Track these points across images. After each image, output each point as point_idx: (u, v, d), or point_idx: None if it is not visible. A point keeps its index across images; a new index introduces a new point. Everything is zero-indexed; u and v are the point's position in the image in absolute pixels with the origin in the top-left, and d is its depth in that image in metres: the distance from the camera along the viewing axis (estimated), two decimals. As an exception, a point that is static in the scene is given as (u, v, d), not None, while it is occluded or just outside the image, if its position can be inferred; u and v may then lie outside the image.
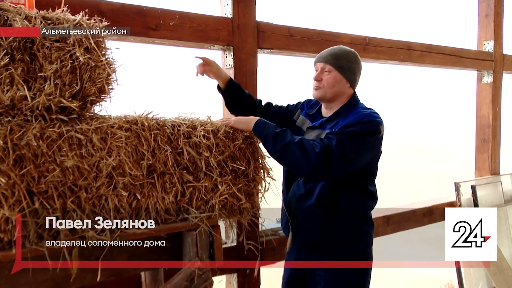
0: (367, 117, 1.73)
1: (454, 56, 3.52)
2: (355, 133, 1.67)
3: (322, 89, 1.82)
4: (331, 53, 1.82)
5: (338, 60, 1.81)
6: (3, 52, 1.22)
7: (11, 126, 1.19)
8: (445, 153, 4.77)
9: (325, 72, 1.81)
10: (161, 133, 1.48)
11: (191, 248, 1.53)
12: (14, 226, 1.16)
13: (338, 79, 1.81)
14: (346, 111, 1.81)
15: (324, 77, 1.81)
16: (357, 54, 1.87)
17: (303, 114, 1.99)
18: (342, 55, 1.82)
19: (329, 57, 1.81)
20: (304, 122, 1.95)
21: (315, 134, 1.82)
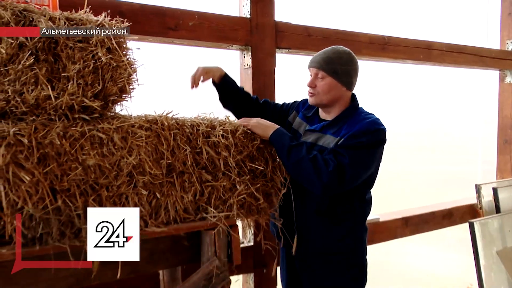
0: (373, 125, 1.69)
1: (475, 56, 3.46)
2: (365, 145, 1.64)
3: (317, 96, 1.77)
4: (324, 58, 1.74)
5: (332, 65, 1.73)
6: (28, 52, 1.25)
7: (36, 125, 1.21)
8: (466, 154, 4.69)
9: (318, 78, 1.75)
10: (180, 133, 1.50)
11: (209, 247, 1.53)
12: (38, 223, 1.18)
13: (333, 84, 1.74)
14: (348, 116, 1.76)
15: (318, 83, 1.75)
16: (352, 54, 1.79)
17: (299, 116, 1.94)
18: (335, 59, 1.74)
19: (321, 62, 1.74)
20: (301, 125, 1.90)
21: (314, 137, 1.78)
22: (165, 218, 1.45)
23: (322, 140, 1.76)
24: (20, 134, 1.17)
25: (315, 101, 1.79)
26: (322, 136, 1.76)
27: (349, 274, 1.84)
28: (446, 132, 5.71)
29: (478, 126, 3.80)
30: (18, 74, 1.24)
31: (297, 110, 1.98)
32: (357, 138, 1.64)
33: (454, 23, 4.86)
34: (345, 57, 1.75)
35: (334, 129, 1.75)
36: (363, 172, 1.69)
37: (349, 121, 1.74)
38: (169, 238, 1.52)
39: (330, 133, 1.75)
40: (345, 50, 1.78)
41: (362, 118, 1.73)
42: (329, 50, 1.77)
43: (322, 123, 1.80)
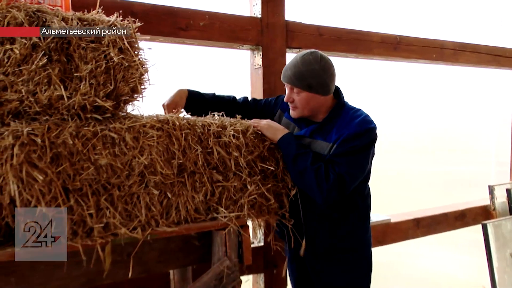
0: (363, 125, 1.67)
1: (489, 55, 3.41)
2: (359, 149, 1.64)
3: (298, 109, 1.74)
4: (295, 73, 1.67)
5: (304, 81, 1.67)
6: (42, 52, 1.26)
7: (49, 125, 1.22)
8: (479, 154, 4.63)
9: (294, 92, 1.71)
10: (191, 133, 1.50)
11: (220, 248, 1.53)
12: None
13: (310, 97, 1.70)
14: (335, 117, 1.74)
15: (295, 97, 1.72)
16: (324, 60, 1.70)
17: (285, 116, 1.89)
18: (306, 73, 1.66)
19: (293, 78, 1.68)
20: (289, 125, 1.86)
21: (306, 144, 1.75)
22: (176, 218, 1.45)
23: (313, 146, 1.74)
24: (33, 133, 1.18)
25: (297, 114, 1.76)
26: (312, 142, 1.75)
27: (359, 270, 1.84)
28: (459, 132, 5.64)
29: (491, 127, 3.75)
30: (31, 74, 1.25)
31: (282, 108, 1.93)
32: (350, 143, 1.64)
33: (468, 22, 4.81)
34: (316, 67, 1.67)
35: (324, 133, 1.73)
36: (360, 174, 1.70)
37: (338, 122, 1.72)
38: (180, 238, 1.52)
39: (320, 138, 1.73)
40: (316, 58, 1.68)
41: (350, 118, 1.71)
42: (299, 62, 1.68)
43: (311, 127, 1.77)
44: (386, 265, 1.85)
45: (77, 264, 1.29)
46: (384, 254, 3.17)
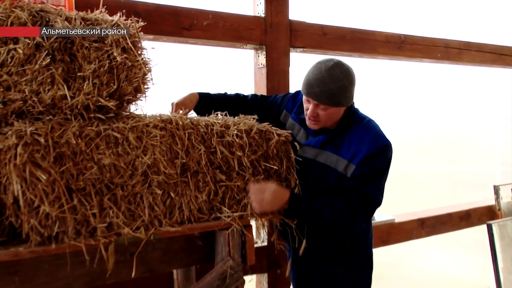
0: (379, 141, 1.64)
1: (494, 54, 3.39)
2: (381, 170, 1.65)
3: (321, 123, 1.68)
4: (324, 92, 1.58)
5: (334, 99, 1.60)
6: (45, 52, 1.26)
7: (52, 125, 1.22)
8: (483, 154, 4.60)
9: (320, 108, 1.63)
10: (195, 132, 1.49)
11: (223, 247, 1.53)
12: (54, 222, 1.19)
13: (337, 111, 1.66)
14: (347, 126, 1.70)
15: (320, 112, 1.64)
16: (349, 73, 1.63)
17: (292, 117, 1.85)
18: (336, 90, 1.59)
19: (322, 98, 1.59)
20: (294, 127, 1.82)
21: (313, 154, 1.73)
22: (179, 218, 1.45)
23: (322, 156, 1.71)
24: (37, 133, 1.18)
25: (318, 127, 1.70)
26: (321, 153, 1.72)
27: (360, 271, 1.84)
28: (463, 132, 5.62)
29: (496, 127, 3.72)
30: (35, 74, 1.25)
31: (287, 109, 1.89)
32: (372, 165, 1.62)
33: (472, 21, 4.77)
34: (346, 83, 1.61)
35: (334, 145, 1.69)
36: (383, 192, 1.70)
37: (350, 134, 1.68)
38: (183, 238, 1.52)
39: (330, 149, 1.70)
40: (343, 72, 1.61)
41: (363, 131, 1.67)
42: (327, 78, 1.59)
43: (321, 138, 1.73)
44: (390, 266, 1.84)
45: (80, 264, 1.29)
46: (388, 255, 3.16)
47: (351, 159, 1.64)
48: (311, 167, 1.74)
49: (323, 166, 1.70)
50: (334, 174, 1.67)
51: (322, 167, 1.70)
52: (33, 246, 1.19)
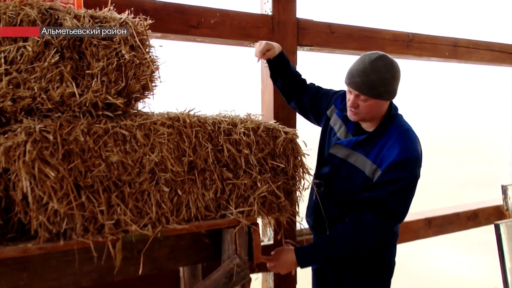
0: (410, 152, 1.62)
1: (503, 53, 3.36)
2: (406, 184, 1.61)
3: (360, 115, 1.68)
4: (365, 82, 1.60)
5: (374, 89, 1.60)
6: (54, 50, 1.27)
7: (61, 122, 1.23)
8: (492, 154, 4.56)
9: (360, 99, 1.64)
10: (202, 130, 1.50)
11: (230, 245, 1.53)
12: (62, 219, 1.20)
13: (377, 104, 1.65)
14: (383, 131, 1.69)
15: (360, 103, 1.65)
16: (393, 66, 1.64)
17: (336, 113, 1.87)
18: (378, 82, 1.59)
19: (363, 88, 1.60)
20: (337, 122, 1.85)
21: (344, 153, 1.74)
22: (186, 215, 1.45)
23: (352, 157, 1.72)
24: (45, 130, 1.19)
25: (357, 118, 1.71)
26: (352, 154, 1.72)
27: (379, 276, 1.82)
28: (472, 132, 5.59)
29: (505, 126, 3.69)
30: (43, 72, 1.26)
31: (335, 104, 1.91)
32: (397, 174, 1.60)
33: (481, 19, 4.72)
34: (388, 76, 1.61)
35: (366, 147, 1.69)
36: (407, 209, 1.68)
37: (383, 139, 1.67)
38: (190, 236, 1.52)
39: (360, 151, 1.70)
40: (386, 65, 1.62)
41: (397, 137, 1.65)
42: (369, 70, 1.59)
43: (354, 139, 1.73)
44: (397, 265, 1.84)
45: (88, 261, 1.30)
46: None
47: (379, 164, 1.63)
48: (341, 166, 1.74)
49: (352, 167, 1.70)
50: (361, 177, 1.67)
51: (351, 168, 1.70)
52: (42, 243, 1.20)
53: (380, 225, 1.64)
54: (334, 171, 1.78)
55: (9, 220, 1.25)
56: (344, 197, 1.78)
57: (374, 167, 1.65)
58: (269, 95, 2.33)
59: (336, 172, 1.78)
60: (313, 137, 2.10)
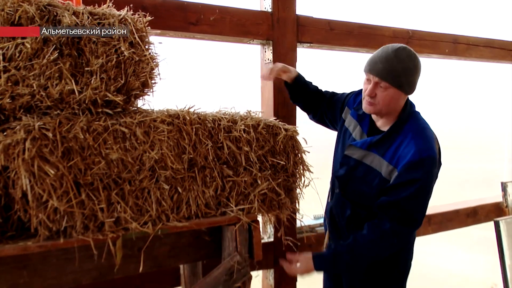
0: (425, 152, 1.57)
1: (503, 50, 3.35)
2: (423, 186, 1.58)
3: (377, 106, 1.62)
4: (387, 68, 1.56)
5: (397, 77, 1.56)
6: (53, 47, 1.26)
7: (60, 119, 1.22)
8: (492, 152, 4.57)
9: (380, 87, 1.59)
10: (202, 127, 1.49)
11: (231, 243, 1.53)
12: (62, 216, 1.19)
13: (396, 96, 1.60)
14: (398, 130, 1.64)
15: (378, 92, 1.59)
16: (416, 59, 1.63)
17: (351, 113, 1.84)
18: (401, 71, 1.56)
19: (385, 74, 1.56)
20: (351, 123, 1.82)
21: (359, 155, 1.71)
22: (187, 213, 1.45)
23: (368, 158, 1.69)
24: (45, 128, 1.18)
25: (373, 110, 1.65)
26: (368, 154, 1.68)
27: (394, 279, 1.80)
28: (472, 129, 5.59)
29: (505, 123, 3.69)
30: (42, 69, 1.25)
31: (349, 105, 1.88)
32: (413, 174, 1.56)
33: (481, 16, 4.71)
34: (411, 66, 1.59)
35: (381, 148, 1.65)
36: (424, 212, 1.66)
37: (398, 139, 1.63)
38: (191, 233, 1.52)
39: (375, 151, 1.66)
40: (409, 56, 1.59)
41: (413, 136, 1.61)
42: (393, 58, 1.56)
43: (368, 140, 1.70)
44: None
45: (88, 258, 1.29)
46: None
47: (395, 164, 1.60)
48: (357, 168, 1.71)
49: (369, 168, 1.67)
50: (378, 178, 1.64)
51: (368, 169, 1.67)
52: (42, 241, 1.19)
53: (399, 233, 1.62)
54: (349, 172, 1.74)
55: (9, 218, 1.25)
56: (360, 199, 1.74)
57: (391, 167, 1.61)
58: (269, 92, 2.32)
59: (351, 174, 1.74)
60: (313, 134, 2.10)
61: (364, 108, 1.68)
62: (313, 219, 2.65)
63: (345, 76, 12.53)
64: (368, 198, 1.68)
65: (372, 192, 1.67)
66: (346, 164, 1.76)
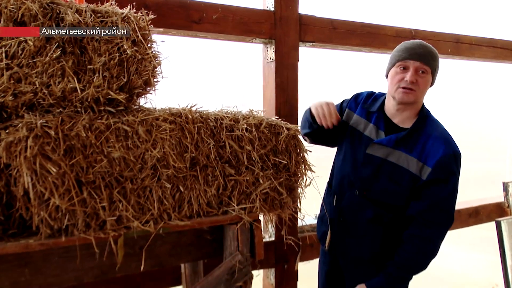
0: (456, 147, 1.62)
1: (506, 50, 3.34)
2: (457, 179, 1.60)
3: (416, 93, 1.63)
4: (429, 52, 1.62)
5: (435, 63, 1.64)
6: (55, 45, 1.26)
7: (62, 117, 1.22)
8: (494, 151, 4.55)
9: (419, 73, 1.62)
10: (204, 126, 1.49)
11: (232, 242, 1.52)
12: (64, 214, 1.19)
13: (429, 83, 1.66)
14: (421, 127, 1.66)
15: (419, 79, 1.62)
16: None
17: (357, 112, 1.81)
18: (437, 56, 1.65)
19: (429, 58, 1.61)
20: (360, 122, 1.78)
21: (383, 153, 1.68)
22: (188, 212, 1.45)
23: (394, 156, 1.66)
24: (47, 126, 1.18)
25: (412, 98, 1.64)
26: (393, 152, 1.66)
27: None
28: (473, 129, 5.57)
29: (507, 124, 3.69)
30: (45, 67, 1.25)
31: (350, 107, 1.86)
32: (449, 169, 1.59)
33: (484, 15, 4.68)
34: (438, 56, 1.68)
35: (408, 145, 1.65)
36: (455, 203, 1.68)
37: (423, 135, 1.64)
38: (192, 232, 1.52)
39: (403, 149, 1.64)
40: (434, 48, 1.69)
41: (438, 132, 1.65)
42: (425, 45, 1.64)
43: (393, 137, 1.67)
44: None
45: (90, 257, 1.29)
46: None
47: (425, 161, 1.60)
48: (382, 167, 1.69)
49: (395, 167, 1.65)
50: (407, 176, 1.63)
51: (394, 168, 1.66)
52: (43, 239, 1.19)
53: (441, 235, 1.63)
54: (375, 171, 1.71)
55: (11, 216, 1.25)
56: (386, 199, 1.71)
57: (420, 164, 1.60)
58: (271, 91, 2.32)
59: (377, 173, 1.71)
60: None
61: (400, 98, 1.65)
62: (314, 218, 2.65)
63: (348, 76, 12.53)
64: (397, 197, 1.67)
65: (401, 190, 1.65)
66: (370, 163, 1.72)
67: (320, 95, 2.06)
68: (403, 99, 1.65)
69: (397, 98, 1.66)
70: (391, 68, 1.70)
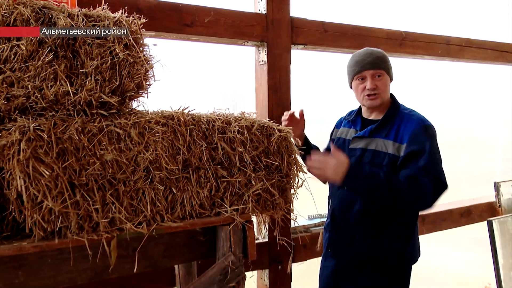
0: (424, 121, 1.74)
1: (495, 51, 3.39)
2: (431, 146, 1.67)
3: (380, 95, 1.80)
4: (377, 58, 1.80)
5: (385, 63, 1.80)
6: (48, 49, 1.27)
7: (55, 121, 1.23)
8: (484, 152, 4.60)
9: (376, 77, 1.79)
10: (196, 128, 1.50)
11: (225, 243, 1.54)
12: (57, 217, 1.20)
13: (388, 82, 1.82)
14: (393, 116, 1.80)
15: (378, 82, 1.79)
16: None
17: (343, 125, 2.00)
18: (384, 57, 1.81)
19: (378, 62, 1.79)
20: (348, 131, 1.95)
21: (363, 143, 1.81)
22: (181, 213, 1.46)
23: (372, 144, 1.78)
24: (40, 129, 1.19)
25: (378, 102, 1.81)
26: (372, 141, 1.79)
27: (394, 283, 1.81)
28: (464, 129, 5.62)
29: (498, 124, 3.73)
30: (38, 70, 1.26)
31: (336, 127, 2.07)
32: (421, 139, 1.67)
33: (474, 18, 4.74)
34: (384, 54, 1.84)
35: (383, 132, 1.78)
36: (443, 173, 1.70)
37: (396, 122, 1.77)
38: (185, 233, 1.53)
39: (380, 136, 1.78)
40: (377, 49, 1.86)
41: (408, 117, 1.77)
42: (370, 51, 1.81)
43: (369, 127, 1.82)
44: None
45: (83, 258, 1.30)
46: (389, 251, 3.15)
47: (400, 140, 1.71)
48: (363, 155, 1.80)
49: (375, 152, 1.76)
50: (387, 157, 1.73)
51: (374, 154, 1.77)
52: (37, 241, 1.20)
53: (435, 189, 1.63)
54: (358, 162, 1.81)
55: (4, 219, 1.25)
56: None
57: (397, 144, 1.72)
58: (263, 93, 2.34)
59: (359, 162, 1.81)
60: (306, 135, 2.12)
61: (369, 104, 1.83)
62: (307, 219, 2.67)
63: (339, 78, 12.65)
64: None
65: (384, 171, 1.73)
66: (354, 156, 1.83)
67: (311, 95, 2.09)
68: (372, 105, 1.83)
69: (366, 105, 1.86)
70: (351, 82, 1.87)
